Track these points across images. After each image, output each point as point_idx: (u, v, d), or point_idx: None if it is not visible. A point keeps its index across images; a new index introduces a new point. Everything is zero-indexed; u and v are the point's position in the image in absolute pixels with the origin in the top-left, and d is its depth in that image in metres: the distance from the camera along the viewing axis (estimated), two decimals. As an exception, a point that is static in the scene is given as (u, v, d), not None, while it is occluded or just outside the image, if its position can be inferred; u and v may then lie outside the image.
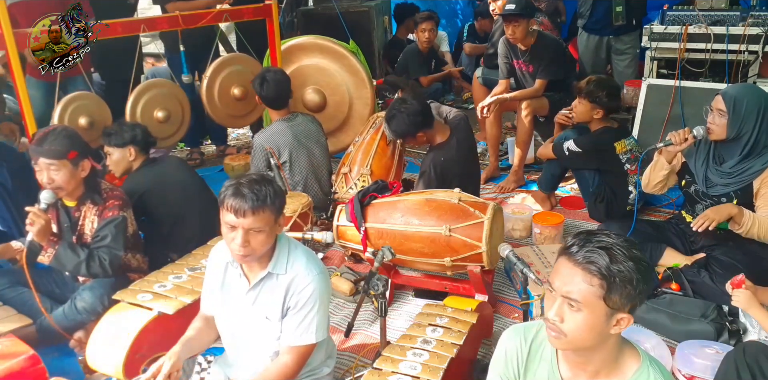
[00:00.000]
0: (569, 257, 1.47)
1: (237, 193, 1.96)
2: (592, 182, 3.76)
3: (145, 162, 3.35)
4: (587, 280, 1.44)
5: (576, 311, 1.46)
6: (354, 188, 3.81)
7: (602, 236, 1.48)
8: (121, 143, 3.28)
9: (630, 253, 1.45)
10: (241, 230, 1.97)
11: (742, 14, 4.27)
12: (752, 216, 2.81)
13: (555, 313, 1.49)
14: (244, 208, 1.94)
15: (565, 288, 1.47)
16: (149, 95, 4.00)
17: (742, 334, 2.66)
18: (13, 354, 2.32)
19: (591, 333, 1.48)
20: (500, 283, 3.31)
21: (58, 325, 2.76)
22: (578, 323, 1.47)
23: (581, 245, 1.46)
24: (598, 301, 1.44)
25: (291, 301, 2.11)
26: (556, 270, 1.50)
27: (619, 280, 1.42)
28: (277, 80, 3.83)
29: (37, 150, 2.71)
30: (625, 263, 1.43)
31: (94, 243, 2.81)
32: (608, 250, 1.44)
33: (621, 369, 1.56)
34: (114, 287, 2.78)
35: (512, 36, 4.32)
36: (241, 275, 2.16)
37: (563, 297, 1.47)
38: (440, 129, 3.54)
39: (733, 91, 2.91)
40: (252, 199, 1.95)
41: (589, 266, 1.43)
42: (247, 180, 2.00)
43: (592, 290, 1.44)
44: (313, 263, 2.14)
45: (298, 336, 2.11)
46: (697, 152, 3.06)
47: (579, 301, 1.45)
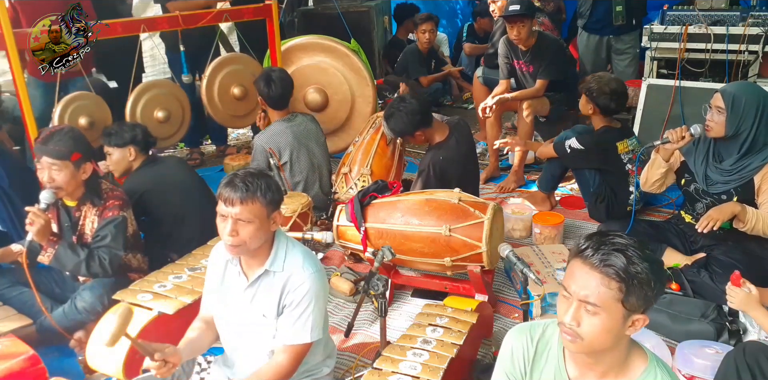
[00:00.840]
0: (585, 260, 1.45)
1: (229, 183, 2.01)
2: (592, 182, 3.76)
3: (145, 162, 3.35)
4: (605, 283, 1.42)
5: (593, 314, 1.45)
6: (354, 188, 3.81)
7: (616, 238, 1.46)
8: (121, 143, 3.28)
9: (644, 254, 1.44)
10: (231, 219, 2.00)
11: (742, 14, 4.27)
12: (755, 213, 2.81)
13: (572, 317, 1.47)
14: (233, 197, 1.98)
15: (582, 292, 1.45)
16: (149, 94, 4.00)
17: (742, 334, 2.66)
18: (13, 354, 2.32)
19: (608, 336, 1.47)
20: (500, 283, 3.31)
21: (58, 325, 2.76)
22: (596, 326, 1.45)
23: (596, 248, 1.44)
24: (617, 304, 1.43)
25: (287, 299, 2.11)
26: (571, 274, 1.48)
27: (637, 282, 1.41)
28: (282, 79, 3.83)
29: (42, 148, 2.71)
30: (642, 265, 1.42)
31: (94, 243, 2.81)
32: (623, 252, 1.43)
33: (629, 369, 1.56)
34: (114, 287, 2.77)
35: (517, 36, 4.30)
36: (240, 273, 2.17)
37: (580, 301, 1.46)
38: (439, 128, 3.54)
39: (731, 89, 2.91)
40: (242, 189, 1.98)
41: (607, 269, 1.42)
42: (243, 172, 2.05)
43: (610, 293, 1.42)
44: (310, 262, 2.15)
45: (293, 334, 2.11)
46: (696, 151, 3.06)
47: (597, 305, 1.44)
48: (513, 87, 4.65)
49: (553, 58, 4.40)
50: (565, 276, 1.52)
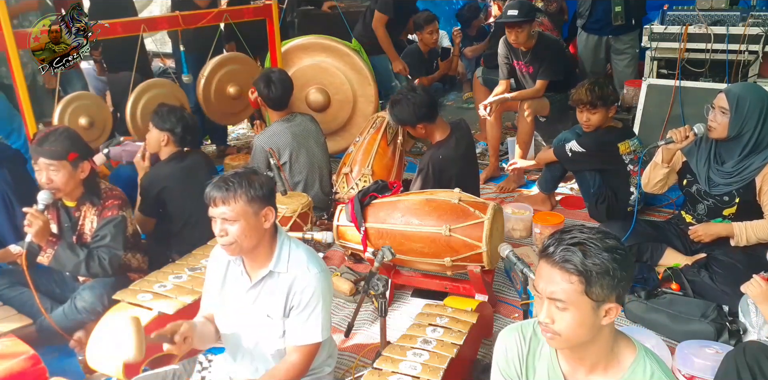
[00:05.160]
0: (547, 258, 1.51)
1: (213, 184, 2.05)
2: (593, 184, 3.74)
3: (173, 156, 3.37)
4: (566, 278, 1.47)
5: (563, 310, 1.49)
6: (355, 188, 3.81)
7: (575, 232, 1.51)
8: (160, 126, 3.34)
9: (603, 244, 1.47)
10: (219, 219, 2.03)
11: (742, 14, 4.27)
12: (743, 227, 2.89)
13: (545, 315, 1.52)
14: (215, 197, 2.02)
15: (548, 289, 1.50)
16: (149, 94, 4.00)
17: (742, 334, 2.66)
18: (13, 354, 2.32)
19: (583, 329, 1.51)
20: (500, 283, 3.31)
21: (58, 325, 2.76)
22: (568, 321, 1.50)
23: (556, 246, 1.50)
24: (581, 297, 1.47)
25: (294, 300, 2.11)
26: (539, 273, 1.54)
27: (596, 273, 1.45)
28: (282, 80, 3.83)
29: (38, 150, 2.71)
30: (600, 255, 1.46)
31: (93, 243, 2.81)
32: (581, 245, 1.47)
33: (617, 360, 1.59)
34: (114, 287, 2.77)
35: (515, 41, 4.31)
36: (243, 273, 2.17)
37: (549, 299, 1.51)
38: (441, 126, 3.53)
39: (736, 90, 2.91)
40: (223, 189, 2.01)
41: (565, 264, 1.47)
42: (230, 172, 2.08)
43: (572, 287, 1.47)
44: (314, 262, 2.15)
45: (303, 335, 2.12)
46: (698, 151, 3.06)
47: (563, 300, 1.48)
48: (513, 87, 4.65)
49: (553, 59, 4.40)
50: (535, 276, 1.57)
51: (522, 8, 4.19)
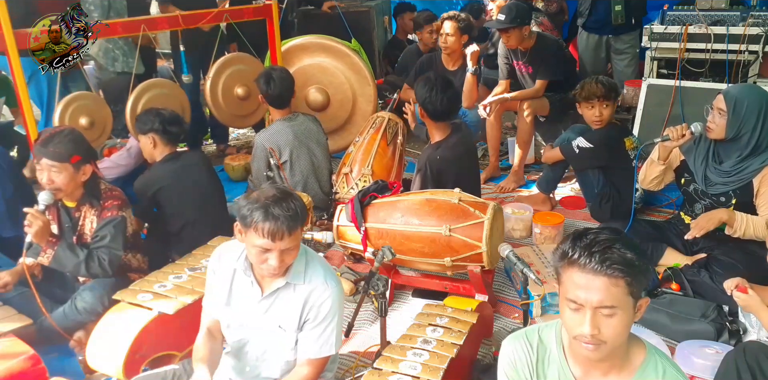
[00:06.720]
0: (582, 268, 1.44)
1: (269, 215, 1.88)
2: (596, 183, 3.72)
3: (168, 157, 3.36)
4: (614, 283, 1.43)
5: (610, 316, 1.45)
6: (355, 188, 3.81)
7: (599, 236, 1.47)
8: (143, 129, 3.32)
9: (625, 241, 1.47)
10: (277, 252, 1.93)
11: (742, 14, 4.27)
12: (744, 218, 2.85)
13: (592, 326, 1.45)
14: (282, 231, 1.88)
15: (595, 298, 1.44)
16: (149, 94, 4.00)
17: (742, 334, 2.66)
18: (13, 354, 2.32)
19: (627, 331, 1.50)
20: (500, 283, 3.31)
21: (59, 325, 2.75)
22: (615, 326, 1.46)
23: (588, 253, 1.44)
24: (627, 298, 1.45)
25: (310, 314, 2.09)
26: (574, 284, 1.46)
27: (638, 271, 1.44)
28: (282, 78, 3.83)
29: (41, 150, 2.71)
30: (631, 253, 1.44)
31: (93, 243, 2.80)
32: (610, 247, 1.44)
33: (630, 360, 1.58)
34: (114, 287, 2.77)
35: (506, 43, 4.38)
36: (254, 284, 2.11)
37: (595, 308, 1.45)
38: (442, 128, 3.53)
39: (734, 91, 2.91)
40: (288, 219, 1.88)
41: (610, 269, 1.42)
42: (272, 200, 1.91)
43: (619, 290, 1.43)
44: (330, 276, 2.13)
45: (318, 348, 2.10)
46: (697, 150, 3.06)
47: (614, 306, 1.44)
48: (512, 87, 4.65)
49: (553, 59, 4.40)
50: (565, 289, 1.49)
51: (510, 13, 4.17)
